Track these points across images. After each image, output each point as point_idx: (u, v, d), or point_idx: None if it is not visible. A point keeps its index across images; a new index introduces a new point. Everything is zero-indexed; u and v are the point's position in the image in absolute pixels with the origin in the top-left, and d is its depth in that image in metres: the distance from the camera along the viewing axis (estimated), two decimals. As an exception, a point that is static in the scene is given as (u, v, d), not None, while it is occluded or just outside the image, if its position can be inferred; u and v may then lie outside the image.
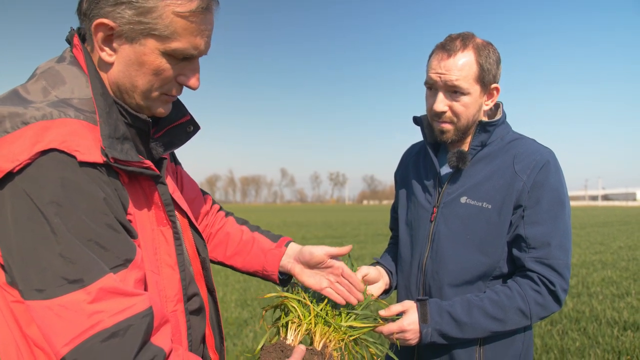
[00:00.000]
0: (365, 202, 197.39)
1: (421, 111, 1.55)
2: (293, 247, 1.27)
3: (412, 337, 1.35)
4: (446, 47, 1.36)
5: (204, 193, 1.34)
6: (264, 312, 1.30)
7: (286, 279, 1.31)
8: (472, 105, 1.37)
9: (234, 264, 1.30)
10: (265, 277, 1.29)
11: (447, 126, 1.40)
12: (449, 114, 1.38)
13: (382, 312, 1.37)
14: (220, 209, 1.38)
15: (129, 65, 0.84)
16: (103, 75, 0.88)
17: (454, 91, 1.36)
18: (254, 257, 1.27)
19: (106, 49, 0.84)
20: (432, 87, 1.41)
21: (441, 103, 1.37)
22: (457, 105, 1.36)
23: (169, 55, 0.84)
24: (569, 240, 1.36)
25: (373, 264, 1.64)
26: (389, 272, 1.61)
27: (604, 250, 11.21)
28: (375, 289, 1.53)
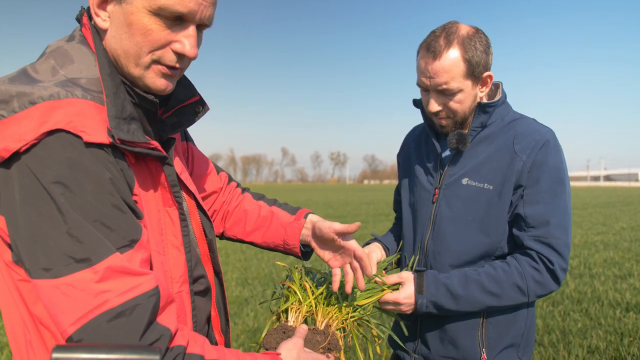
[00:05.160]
0: (366, 181, 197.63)
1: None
2: (311, 219, 1.23)
3: (407, 308, 1.37)
4: (430, 48, 1.31)
5: (219, 171, 1.32)
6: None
7: (309, 252, 1.28)
8: (466, 100, 1.37)
9: (254, 239, 1.29)
10: (288, 252, 1.27)
11: (445, 122, 1.41)
12: (444, 112, 1.38)
13: (378, 280, 1.37)
14: (238, 186, 1.37)
15: (119, 27, 0.82)
16: (104, 46, 0.86)
17: (445, 92, 1.33)
18: (274, 232, 1.26)
19: (101, 13, 0.83)
20: (425, 89, 1.39)
21: (434, 104, 1.37)
22: (451, 104, 1.36)
23: (157, 14, 0.80)
24: (568, 220, 1.36)
25: (370, 242, 1.67)
26: (386, 248, 1.63)
27: (606, 231, 11.20)
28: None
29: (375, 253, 1.54)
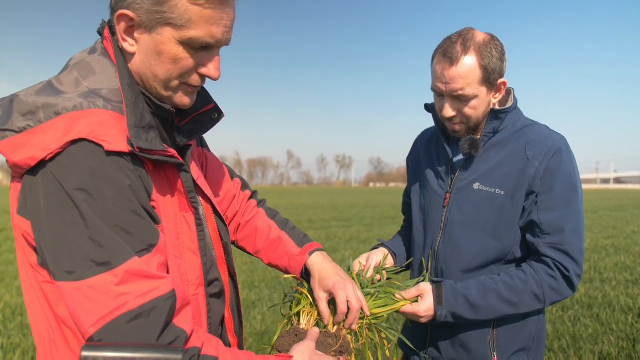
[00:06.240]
0: (371, 184, 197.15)
1: (429, 90, 1.53)
2: (315, 259, 1.25)
3: (426, 320, 1.38)
4: (447, 54, 1.33)
5: (233, 176, 1.35)
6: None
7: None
8: (480, 106, 1.38)
9: (260, 257, 1.33)
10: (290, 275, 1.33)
11: (458, 127, 1.42)
12: (458, 117, 1.40)
13: (398, 296, 1.38)
14: (252, 196, 1.39)
15: (148, 54, 0.87)
16: (129, 66, 0.91)
17: (461, 98, 1.36)
18: (278, 257, 1.30)
19: (128, 39, 0.87)
20: (439, 94, 1.40)
21: (449, 110, 1.39)
22: (466, 110, 1.38)
23: (186, 44, 0.86)
24: (582, 226, 1.38)
25: (376, 246, 1.67)
26: (393, 254, 1.64)
27: (617, 235, 11.08)
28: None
29: (376, 256, 1.55)
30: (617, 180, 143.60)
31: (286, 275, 1.30)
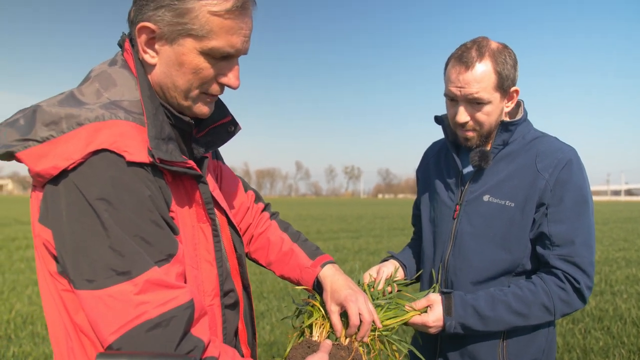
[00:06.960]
0: (380, 195, 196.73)
1: (437, 102, 1.53)
2: (326, 272, 1.26)
3: (435, 330, 1.38)
4: (462, 59, 1.35)
5: (247, 189, 1.36)
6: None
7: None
8: (493, 113, 1.39)
9: (273, 269, 1.34)
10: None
11: (471, 134, 1.43)
12: (471, 123, 1.40)
13: (408, 307, 1.38)
14: (265, 208, 1.40)
15: (169, 65, 0.88)
16: (149, 77, 0.92)
17: (475, 102, 1.36)
18: (290, 270, 1.31)
19: (149, 51, 0.89)
20: (453, 99, 1.41)
21: (463, 114, 1.39)
22: (479, 115, 1.38)
23: (207, 54, 0.87)
24: (592, 238, 1.38)
25: (387, 258, 1.67)
26: (403, 266, 1.64)
27: (628, 247, 10.93)
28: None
29: (386, 268, 1.55)
30: (629, 192, 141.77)
31: (298, 287, 1.31)
